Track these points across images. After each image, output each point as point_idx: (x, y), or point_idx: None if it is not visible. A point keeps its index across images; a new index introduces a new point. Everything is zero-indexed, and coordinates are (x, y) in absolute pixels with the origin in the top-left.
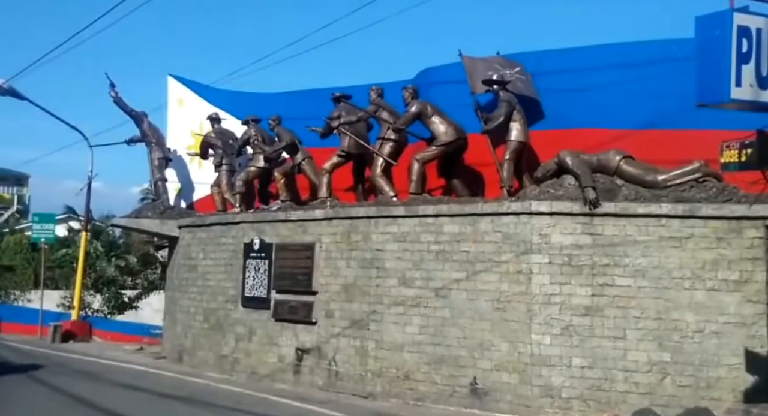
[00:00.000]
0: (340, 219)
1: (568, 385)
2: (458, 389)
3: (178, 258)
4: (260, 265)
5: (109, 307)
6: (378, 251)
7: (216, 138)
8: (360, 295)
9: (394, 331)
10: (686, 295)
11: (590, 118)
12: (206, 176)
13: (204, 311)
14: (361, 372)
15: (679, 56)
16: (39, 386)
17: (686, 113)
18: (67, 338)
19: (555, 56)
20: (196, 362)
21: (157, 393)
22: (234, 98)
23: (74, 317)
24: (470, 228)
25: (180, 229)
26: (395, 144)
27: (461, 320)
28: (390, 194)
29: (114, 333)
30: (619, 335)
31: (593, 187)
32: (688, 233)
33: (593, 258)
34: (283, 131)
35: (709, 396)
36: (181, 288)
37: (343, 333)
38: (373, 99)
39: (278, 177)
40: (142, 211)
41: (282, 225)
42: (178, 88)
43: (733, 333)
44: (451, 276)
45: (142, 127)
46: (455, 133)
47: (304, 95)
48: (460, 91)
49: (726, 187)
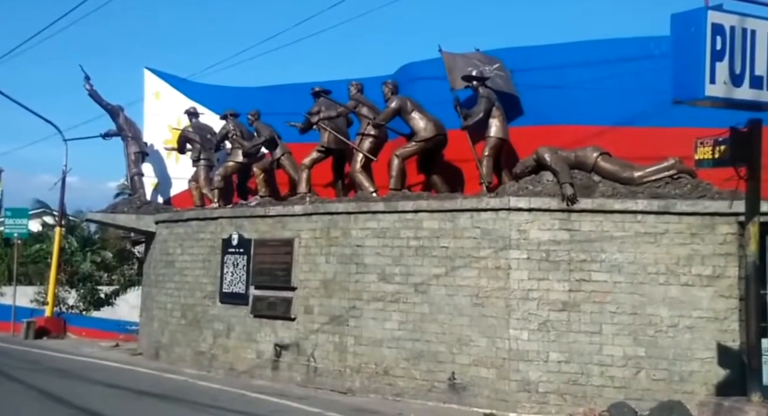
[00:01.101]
0: (320, 214)
1: (545, 380)
2: (437, 384)
3: (155, 253)
4: (239, 261)
5: (84, 303)
6: (357, 247)
7: (194, 132)
8: (339, 291)
9: (374, 327)
10: (661, 290)
11: (568, 114)
12: (184, 171)
13: (181, 307)
14: (340, 368)
15: (655, 53)
16: (12, 383)
17: (662, 110)
18: (41, 334)
19: (534, 53)
20: (173, 358)
21: (135, 390)
22: (212, 92)
23: (48, 313)
24: (449, 224)
25: (157, 225)
26: (375, 139)
27: (440, 315)
28: (370, 190)
29: (89, 330)
30: (596, 330)
31: (571, 184)
32: (663, 229)
33: (570, 253)
34: (262, 126)
35: (683, 390)
36: (158, 284)
37: (322, 329)
38: (353, 94)
39: (257, 172)
40: (118, 206)
41: (261, 220)
42: (155, 81)
43: (706, 327)
44: (431, 271)
45: (118, 121)
46: (435, 129)
47: (284, 90)
48: (440, 87)
49: (700, 184)
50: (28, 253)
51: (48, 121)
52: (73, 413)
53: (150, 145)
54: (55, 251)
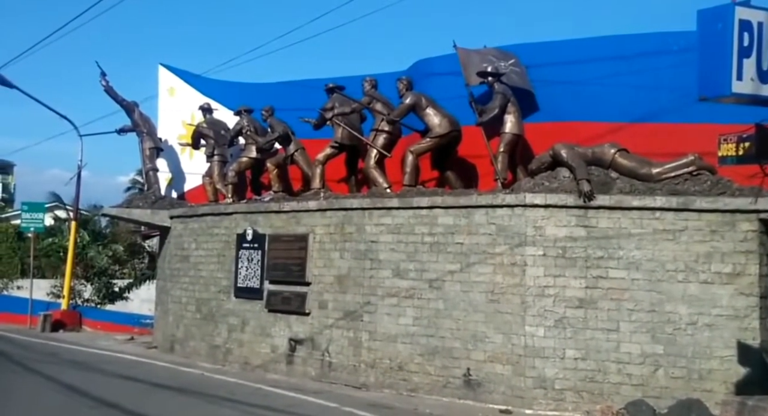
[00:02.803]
0: (334, 210)
1: (561, 377)
2: (452, 380)
3: (170, 248)
4: (253, 256)
5: (99, 297)
6: (372, 243)
7: (208, 128)
8: (354, 286)
9: (388, 322)
10: (680, 288)
11: (585, 110)
12: (197, 166)
13: (196, 301)
14: (354, 363)
15: (674, 49)
16: (33, 375)
17: (682, 106)
18: (56, 327)
19: (550, 48)
20: (188, 352)
21: (151, 383)
22: (226, 88)
23: (64, 306)
24: (464, 221)
25: (172, 219)
26: (389, 135)
27: (455, 312)
28: (384, 186)
29: (104, 323)
30: (613, 327)
31: (588, 180)
32: (682, 226)
33: (587, 250)
34: (275, 122)
35: (701, 388)
36: (172, 279)
37: (337, 324)
38: (367, 90)
39: (270, 168)
40: (133, 201)
41: (275, 216)
42: (169, 77)
43: (726, 325)
44: (445, 268)
45: (133, 117)
46: (449, 125)
47: (298, 86)
48: (454, 82)
49: (720, 180)
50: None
51: (64, 117)
52: (93, 404)
53: (164, 141)
54: (71, 245)
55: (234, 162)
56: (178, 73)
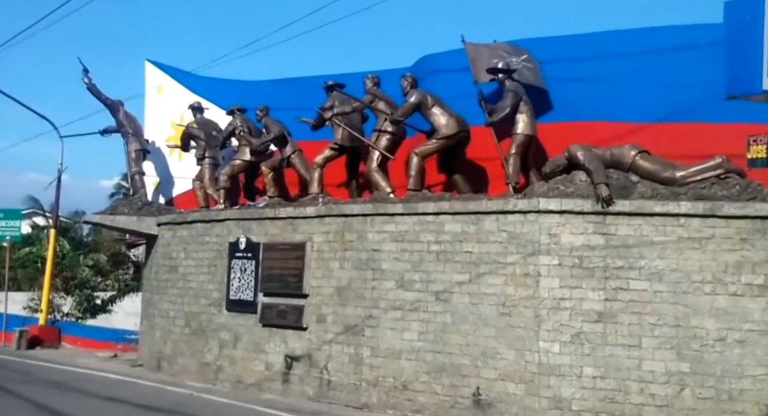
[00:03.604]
0: (333, 216)
1: (578, 397)
2: (460, 400)
3: (157, 257)
4: (246, 266)
5: (80, 311)
6: (374, 251)
7: (198, 129)
8: (354, 299)
9: (391, 337)
10: (707, 301)
11: (603, 109)
12: (187, 170)
13: (185, 315)
14: (355, 382)
15: (701, 43)
16: (6, 396)
17: (708, 104)
18: (34, 344)
19: (565, 43)
20: (177, 370)
21: (135, 404)
22: (218, 86)
23: (42, 321)
24: (473, 228)
25: (159, 227)
26: (392, 136)
27: (463, 326)
28: (387, 190)
29: (85, 339)
30: (634, 343)
31: (606, 184)
32: (709, 234)
33: (606, 260)
34: (271, 122)
35: (732, 410)
36: (160, 291)
37: (336, 339)
38: (369, 88)
39: (265, 171)
40: (118, 207)
41: (270, 223)
42: (157, 74)
43: (758, 341)
44: (453, 278)
45: (118, 117)
46: (457, 126)
47: (295, 83)
48: (462, 80)
49: (750, 184)
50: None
51: (43, 117)
52: None
53: (151, 143)
54: (50, 255)
55: (226, 165)
56: (167, 70)
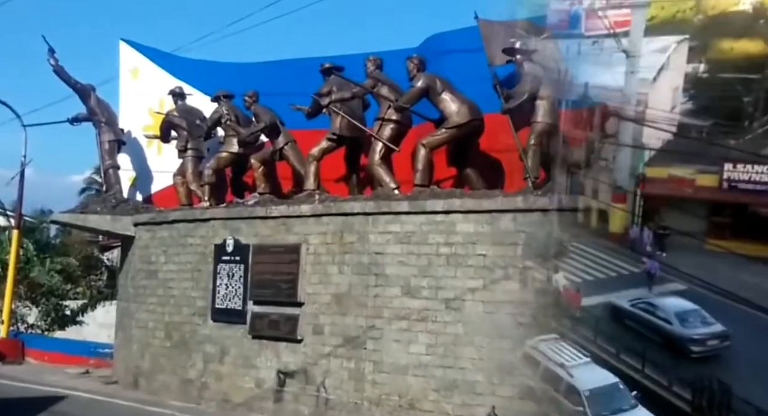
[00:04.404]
0: (331, 215)
1: None
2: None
3: (134, 262)
4: (234, 271)
5: (47, 322)
6: (377, 254)
7: (180, 117)
8: (355, 307)
9: (396, 351)
10: None
11: None
12: (167, 163)
13: (166, 326)
14: (356, 400)
15: None
16: None
17: None
18: None
19: None
20: (156, 387)
21: None
22: (202, 69)
23: (3, 334)
24: (488, 228)
25: (136, 227)
26: (397, 126)
27: (477, 337)
28: (391, 186)
29: (52, 353)
30: None
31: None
32: None
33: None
34: (261, 110)
35: None
36: (137, 299)
37: (335, 352)
38: (371, 71)
39: (255, 165)
40: (90, 205)
41: (261, 222)
42: (133, 55)
43: None
44: (465, 284)
45: (89, 103)
46: (469, 113)
47: (287, 66)
48: (475, 61)
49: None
50: None
51: (3, 103)
52: None
53: (127, 132)
54: (12, 259)
55: (211, 158)
56: (144, 51)
